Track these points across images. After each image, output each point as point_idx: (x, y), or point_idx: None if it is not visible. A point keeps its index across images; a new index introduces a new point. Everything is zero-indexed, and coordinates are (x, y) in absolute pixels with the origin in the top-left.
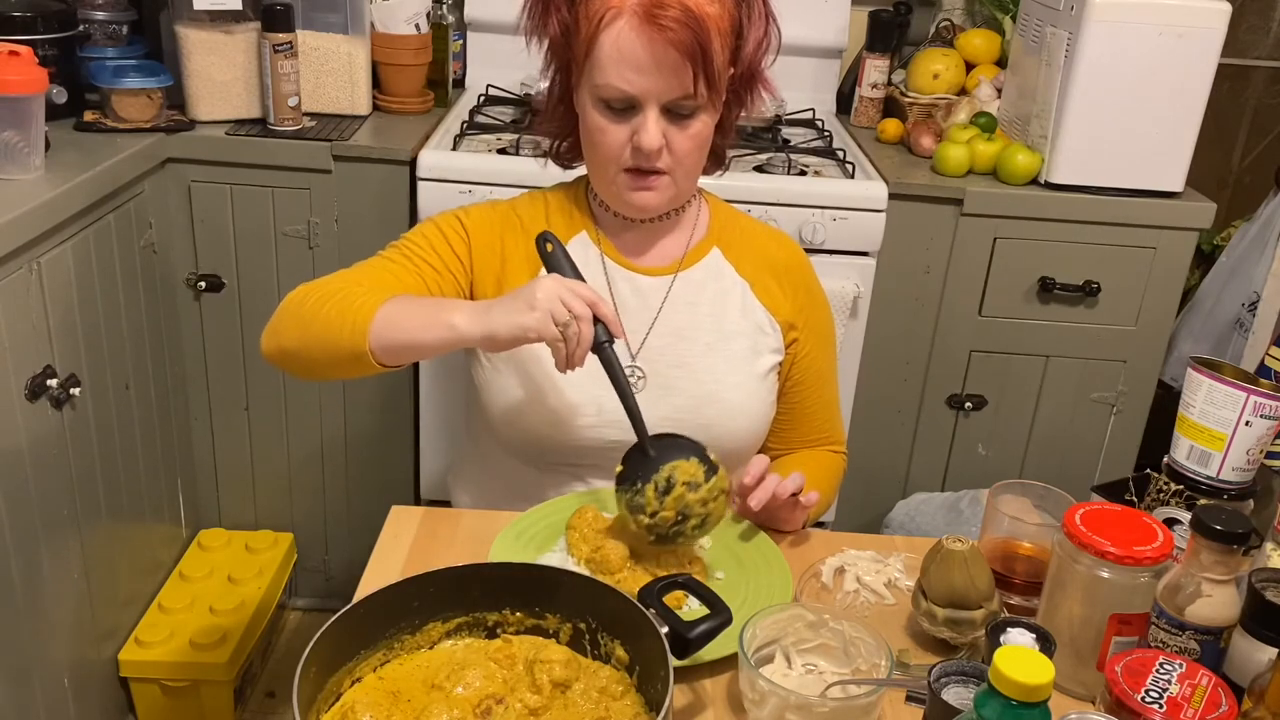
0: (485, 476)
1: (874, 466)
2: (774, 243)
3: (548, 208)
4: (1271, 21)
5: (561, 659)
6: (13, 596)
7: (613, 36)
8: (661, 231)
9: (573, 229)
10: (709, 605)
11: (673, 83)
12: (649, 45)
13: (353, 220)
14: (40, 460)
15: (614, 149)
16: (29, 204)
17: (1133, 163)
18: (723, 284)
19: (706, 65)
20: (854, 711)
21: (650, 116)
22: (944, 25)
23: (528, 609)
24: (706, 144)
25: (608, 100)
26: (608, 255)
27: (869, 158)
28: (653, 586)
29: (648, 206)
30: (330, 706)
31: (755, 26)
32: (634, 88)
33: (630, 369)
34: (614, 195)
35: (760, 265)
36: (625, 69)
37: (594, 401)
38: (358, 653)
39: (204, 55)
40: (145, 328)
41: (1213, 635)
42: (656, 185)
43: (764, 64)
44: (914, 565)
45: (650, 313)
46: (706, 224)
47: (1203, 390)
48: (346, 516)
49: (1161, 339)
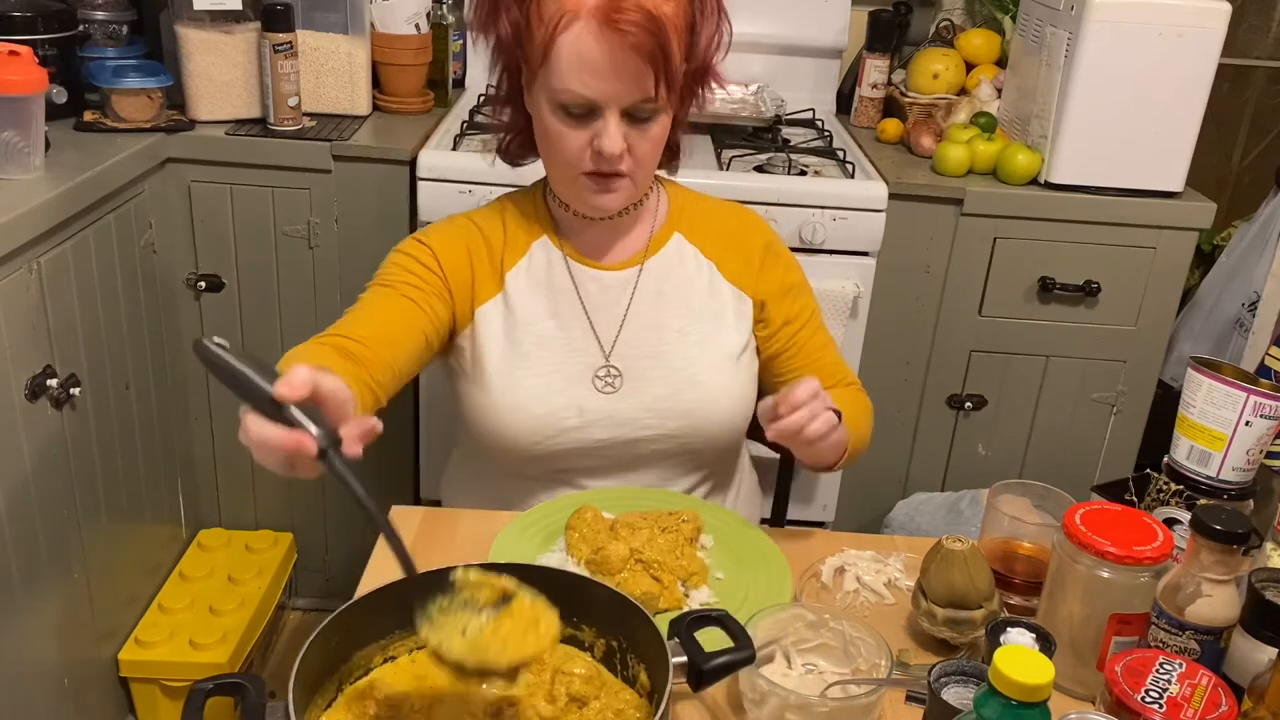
0: (476, 487)
1: (874, 466)
2: (733, 218)
3: (504, 216)
4: (1271, 21)
5: (583, 674)
6: (13, 596)
7: (570, 41)
8: (622, 227)
9: (532, 235)
10: (734, 639)
11: (633, 87)
12: (609, 50)
13: (353, 220)
14: (40, 460)
15: (574, 153)
16: (29, 204)
17: (1133, 163)
18: (687, 268)
19: (666, 67)
20: (854, 711)
21: (611, 122)
22: (944, 25)
23: (565, 617)
24: (664, 142)
25: (566, 105)
26: (570, 257)
27: (869, 158)
28: (684, 619)
29: (610, 208)
30: (356, 679)
31: (708, 21)
32: (594, 93)
33: (605, 368)
34: (574, 196)
35: (722, 243)
36: (584, 74)
37: (574, 404)
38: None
39: (204, 55)
40: (145, 328)
41: (1213, 635)
42: (618, 187)
43: (716, 60)
44: (914, 565)
45: (619, 308)
46: (666, 211)
47: (1203, 390)
48: (346, 516)
49: (1161, 339)
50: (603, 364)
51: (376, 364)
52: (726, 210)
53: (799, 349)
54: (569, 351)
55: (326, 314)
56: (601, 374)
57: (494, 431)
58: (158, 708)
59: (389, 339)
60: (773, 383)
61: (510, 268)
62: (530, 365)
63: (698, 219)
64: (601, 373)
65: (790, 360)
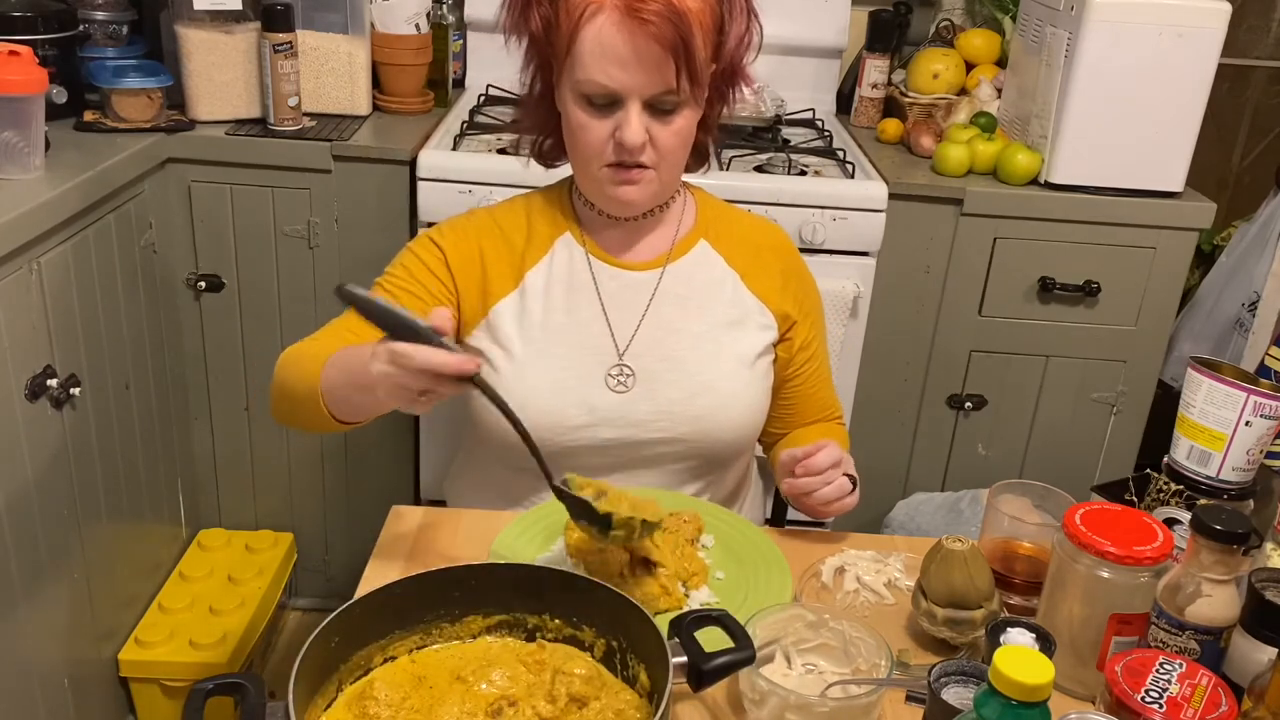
0: (481, 487)
1: (874, 466)
2: (760, 231)
3: (530, 211)
4: (1271, 21)
5: (583, 674)
6: (13, 596)
7: (594, 31)
8: (646, 228)
9: (556, 231)
10: (734, 639)
11: (655, 78)
12: (630, 40)
13: (353, 220)
14: (40, 460)
15: (596, 145)
16: (29, 204)
17: (1133, 163)
18: (712, 275)
19: (689, 60)
20: (854, 711)
21: (633, 112)
22: (944, 25)
23: (566, 617)
24: (690, 139)
25: (589, 96)
26: (592, 254)
27: (869, 158)
28: (684, 619)
29: (632, 201)
30: (356, 679)
31: (737, 22)
32: (615, 83)
33: (618, 366)
34: (598, 191)
35: (749, 255)
36: (607, 64)
37: (585, 402)
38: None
39: (204, 55)
40: (145, 328)
41: (1213, 635)
42: (640, 180)
43: (746, 60)
44: (914, 565)
45: (639, 308)
46: (694, 217)
47: (1203, 390)
48: (346, 516)
49: (1161, 339)
50: (616, 363)
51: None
52: (756, 224)
53: (805, 380)
54: (583, 349)
55: (326, 314)
56: (614, 372)
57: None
58: (158, 708)
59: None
60: (774, 404)
61: (531, 266)
62: (542, 361)
63: (725, 228)
64: (614, 371)
65: (796, 389)
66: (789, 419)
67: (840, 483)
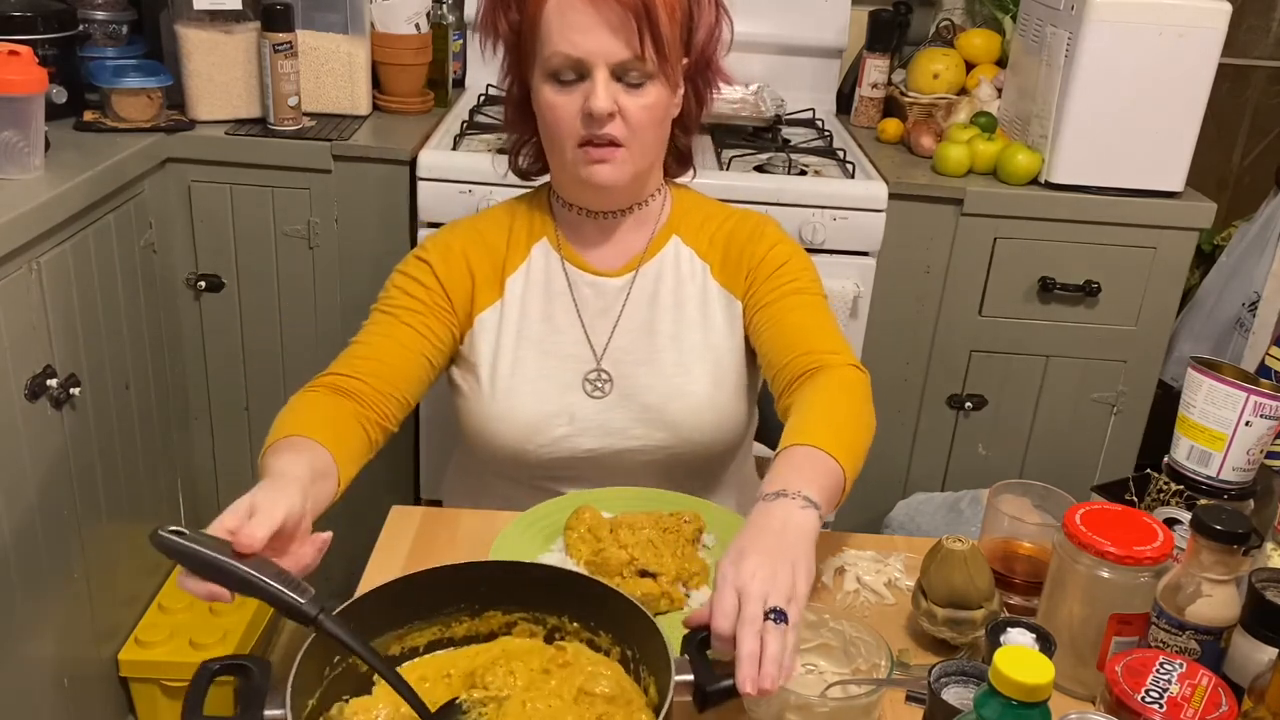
0: (474, 490)
1: (874, 466)
2: (733, 220)
3: (513, 216)
4: (1271, 21)
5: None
6: (12, 596)
7: (555, 5)
8: (623, 227)
9: (534, 237)
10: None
11: (619, 42)
12: (592, 5)
13: (353, 220)
14: (40, 460)
15: (567, 122)
16: (29, 204)
17: (1133, 163)
18: (681, 271)
19: (652, 24)
20: (854, 711)
21: (599, 79)
22: (944, 25)
23: (583, 621)
24: (664, 121)
25: (557, 71)
26: (568, 260)
27: (869, 158)
28: (694, 635)
29: (606, 183)
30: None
31: (706, 12)
32: (579, 50)
33: (595, 371)
34: (573, 180)
35: (718, 244)
36: (570, 31)
37: (565, 412)
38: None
39: (204, 55)
40: (145, 328)
41: (1213, 635)
42: (612, 159)
43: (718, 53)
44: (914, 565)
45: (614, 314)
46: (668, 215)
47: (1203, 390)
48: (346, 516)
49: (1161, 339)
50: (593, 368)
51: (379, 399)
52: (732, 214)
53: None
54: (561, 356)
55: (326, 314)
56: (591, 377)
57: (486, 437)
58: (158, 708)
59: (391, 373)
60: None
61: (510, 273)
62: (522, 371)
63: (699, 221)
64: (592, 376)
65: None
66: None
67: (753, 647)
